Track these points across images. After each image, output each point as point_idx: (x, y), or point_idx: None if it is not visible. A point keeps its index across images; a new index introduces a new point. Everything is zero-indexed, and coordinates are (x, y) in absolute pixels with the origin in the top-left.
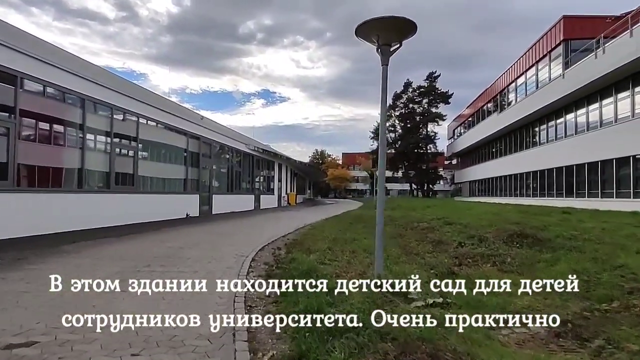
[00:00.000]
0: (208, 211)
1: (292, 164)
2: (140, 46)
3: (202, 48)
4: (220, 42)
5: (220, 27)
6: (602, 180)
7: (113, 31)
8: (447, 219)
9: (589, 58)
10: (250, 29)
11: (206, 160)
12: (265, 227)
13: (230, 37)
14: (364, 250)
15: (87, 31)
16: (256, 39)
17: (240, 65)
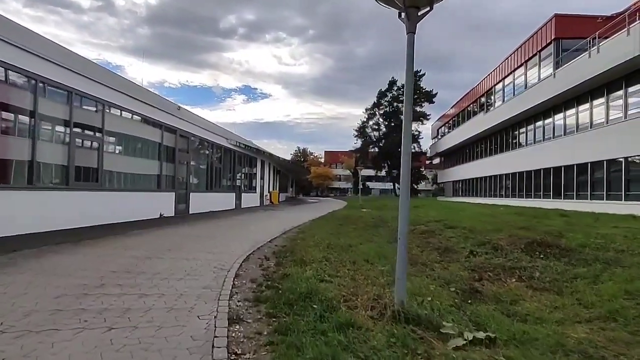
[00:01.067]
0: (185, 210)
1: (275, 161)
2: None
3: (181, 41)
4: (200, 36)
5: (200, 21)
6: (591, 182)
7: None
8: (445, 221)
9: (583, 57)
10: (232, 24)
11: (183, 155)
12: (249, 229)
13: (211, 31)
14: (365, 261)
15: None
16: (237, 34)
17: (221, 60)
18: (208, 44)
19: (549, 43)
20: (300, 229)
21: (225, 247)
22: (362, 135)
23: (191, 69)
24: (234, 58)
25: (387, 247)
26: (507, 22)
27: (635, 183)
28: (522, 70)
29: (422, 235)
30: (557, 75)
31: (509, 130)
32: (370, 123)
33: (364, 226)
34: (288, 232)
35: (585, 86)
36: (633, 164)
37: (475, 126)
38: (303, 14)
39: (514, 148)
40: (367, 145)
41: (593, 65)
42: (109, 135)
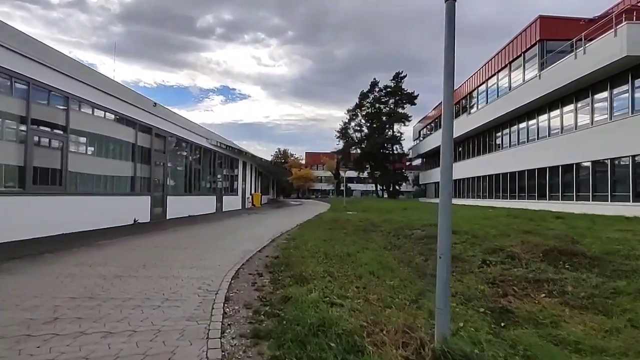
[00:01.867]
0: (161, 215)
1: (257, 162)
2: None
3: (157, 40)
4: (176, 34)
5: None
6: (577, 184)
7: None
8: None
9: (569, 58)
10: (209, 23)
11: (159, 155)
12: (234, 236)
13: (187, 31)
14: (371, 274)
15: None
16: (215, 33)
17: (198, 60)
18: (185, 43)
19: (534, 44)
20: (289, 235)
21: (210, 261)
22: (344, 136)
23: (167, 69)
24: (212, 58)
25: (387, 254)
26: (484, 27)
27: (621, 184)
28: (506, 72)
29: (422, 241)
30: (542, 77)
31: (493, 132)
32: (352, 124)
33: (354, 230)
34: (277, 239)
35: (570, 87)
36: (618, 165)
37: (458, 127)
38: (281, 15)
39: (497, 149)
40: (349, 147)
41: (579, 66)
42: (74, 133)
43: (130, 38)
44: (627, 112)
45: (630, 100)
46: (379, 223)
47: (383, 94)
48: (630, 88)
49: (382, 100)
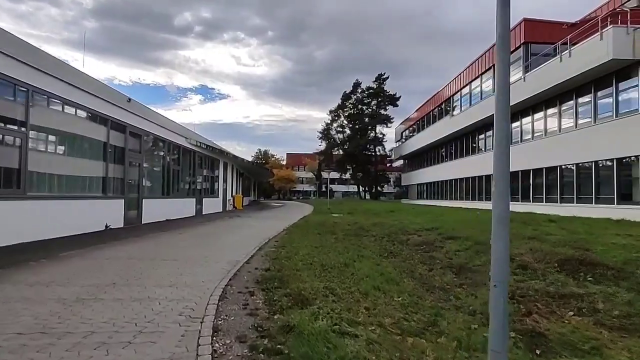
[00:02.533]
0: (136, 219)
1: (238, 163)
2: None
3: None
4: (153, 32)
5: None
6: (561, 186)
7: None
8: (437, 229)
9: (554, 61)
10: (188, 21)
11: (135, 155)
12: (217, 244)
13: (165, 28)
14: (376, 289)
15: None
16: (194, 32)
17: (176, 58)
18: (162, 41)
19: (518, 47)
20: (278, 242)
21: (192, 276)
22: (326, 137)
23: (144, 66)
24: (190, 56)
25: (385, 263)
26: (459, 32)
27: (605, 186)
28: (490, 74)
29: (421, 248)
30: (527, 79)
31: (476, 134)
32: (334, 125)
33: (344, 235)
34: (265, 247)
35: (555, 90)
36: (603, 168)
37: (441, 129)
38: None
39: (481, 151)
40: (332, 148)
41: (565, 69)
42: (36, 129)
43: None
44: (612, 115)
45: (614, 104)
46: (369, 227)
47: (366, 95)
48: (614, 91)
49: (365, 102)
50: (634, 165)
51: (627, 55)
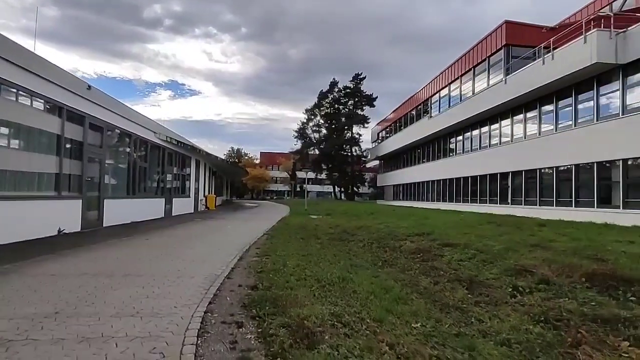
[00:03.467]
0: (97, 222)
1: (212, 161)
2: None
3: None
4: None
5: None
6: (540, 188)
7: None
8: (429, 234)
9: (536, 63)
10: (157, 14)
11: (95, 150)
12: (190, 252)
13: (132, 20)
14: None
15: None
16: (164, 25)
17: (144, 52)
18: (129, 33)
19: (500, 49)
20: (260, 250)
21: (160, 298)
22: (302, 136)
23: (109, 59)
24: (160, 50)
25: (383, 275)
26: (430, 36)
27: (585, 190)
28: (470, 76)
29: (418, 257)
30: (508, 81)
31: (454, 135)
32: (310, 124)
33: (329, 240)
34: (246, 256)
35: (536, 93)
36: (583, 171)
37: (419, 131)
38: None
39: (459, 153)
40: (308, 147)
41: (547, 72)
42: None
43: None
44: (592, 119)
45: (595, 108)
46: (353, 231)
47: (342, 94)
48: (595, 95)
49: (342, 101)
50: (614, 169)
51: (610, 60)
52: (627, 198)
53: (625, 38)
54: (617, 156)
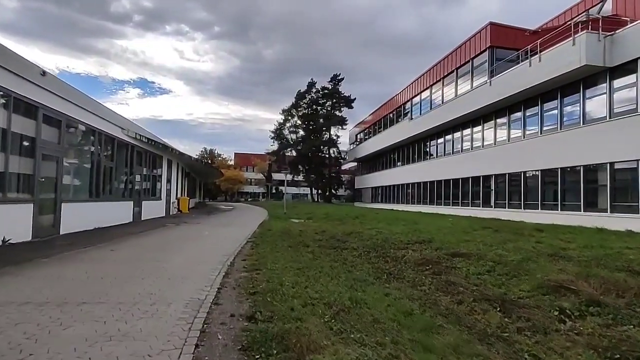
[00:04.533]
0: (52, 229)
1: (185, 161)
2: None
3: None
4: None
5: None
6: (525, 192)
7: None
8: (430, 242)
9: (523, 65)
10: (126, 8)
11: (51, 146)
12: (164, 269)
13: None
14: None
15: None
16: (132, 20)
17: (111, 48)
18: (95, 28)
19: (484, 50)
20: (247, 262)
21: (127, 343)
22: (278, 137)
23: (73, 54)
24: (128, 47)
25: (395, 292)
26: (405, 41)
27: (571, 193)
28: (453, 77)
29: (427, 269)
30: (493, 83)
31: (435, 138)
32: (287, 125)
33: (320, 248)
34: (233, 271)
35: (521, 95)
36: (569, 173)
37: (399, 133)
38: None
39: (440, 155)
40: (284, 148)
41: (533, 74)
42: None
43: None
44: (579, 122)
45: (582, 111)
46: (342, 237)
47: (320, 95)
48: (581, 98)
49: (320, 102)
50: (600, 173)
51: (598, 62)
52: (615, 202)
53: (613, 41)
54: (604, 159)
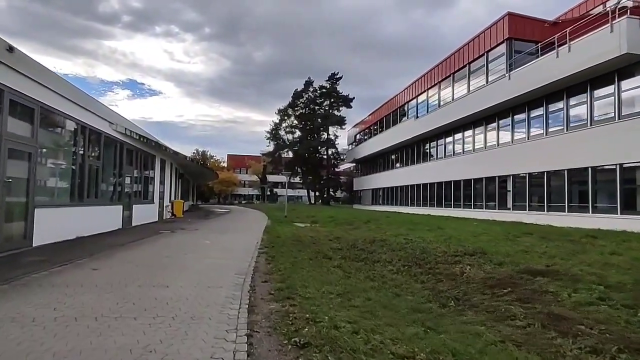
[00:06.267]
0: (22, 240)
1: (179, 161)
2: None
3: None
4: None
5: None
6: (548, 193)
7: None
8: (485, 254)
9: (548, 57)
10: (114, 9)
11: (22, 140)
12: (164, 302)
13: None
14: None
15: None
16: (121, 21)
17: (99, 49)
18: (82, 28)
19: (501, 42)
20: (271, 285)
21: None
22: (274, 138)
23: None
24: (117, 48)
25: (490, 334)
26: (393, 44)
27: (604, 194)
28: (464, 73)
29: (505, 293)
30: (512, 77)
31: (443, 137)
32: (283, 125)
33: (344, 260)
34: (257, 299)
35: (544, 90)
36: (603, 173)
37: (404, 132)
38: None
39: (449, 155)
40: (280, 149)
41: (561, 65)
42: None
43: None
44: (613, 117)
45: (617, 104)
46: (363, 244)
47: (318, 94)
48: (616, 91)
49: (317, 101)
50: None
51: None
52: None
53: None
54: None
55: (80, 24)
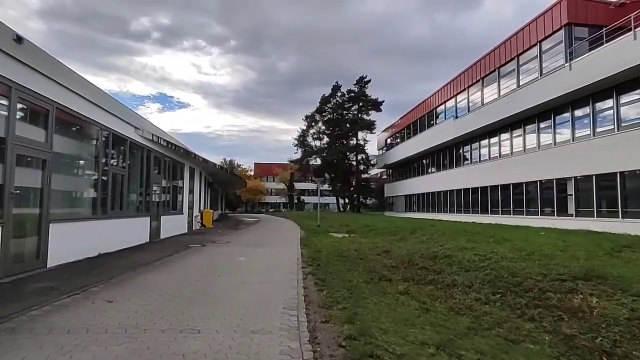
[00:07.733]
0: (34, 260)
1: (209, 169)
2: None
3: (83, 41)
4: (106, 36)
5: (106, 20)
6: (622, 197)
7: None
8: (606, 279)
9: (621, 40)
10: (145, 26)
11: (34, 145)
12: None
13: (119, 33)
14: None
15: None
16: (151, 37)
17: (131, 65)
18: (116, 46)
19: (558, 29)
20: (337, 329)
21: None
22: (302, 145)
23: (96, 72)
24: (147, 63)
25: None
26: (416, 48)
27: None
28: (513, 65)
29: None
30: (573, 67)
31: (487, 137)
32: (311, 131)
33: (408, 283)
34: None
35: (614, 79)
36: None
37: (440, 135)
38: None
39: (494, 158)
40: (308, 156)
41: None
42: None
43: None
44: None
45: None
46: (421, 260)
47: (346, 99)
48: None
49: (346, 106)
50: None
51: None
52: None
53: None
54: None
55: (114, 42)
